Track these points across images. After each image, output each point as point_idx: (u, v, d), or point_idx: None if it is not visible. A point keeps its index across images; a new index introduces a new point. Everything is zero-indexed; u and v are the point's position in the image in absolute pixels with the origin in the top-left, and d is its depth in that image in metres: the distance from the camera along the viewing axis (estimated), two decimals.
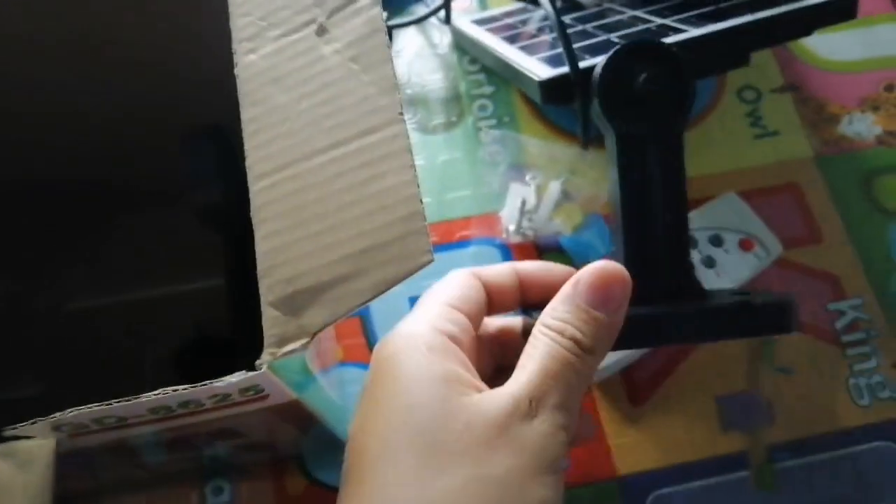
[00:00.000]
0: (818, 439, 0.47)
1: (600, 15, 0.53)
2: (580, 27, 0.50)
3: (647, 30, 0.47)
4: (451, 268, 0.36)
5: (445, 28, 0.60)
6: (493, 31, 0.54)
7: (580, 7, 0.56)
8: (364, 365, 0.49)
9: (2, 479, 0.29)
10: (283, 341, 0.26)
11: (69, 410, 0.26)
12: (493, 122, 0.56)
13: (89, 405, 0.26)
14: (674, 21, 0.47)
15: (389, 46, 0.28)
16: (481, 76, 0.58)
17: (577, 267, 0.31)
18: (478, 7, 0.61)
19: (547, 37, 0.50)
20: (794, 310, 0.33)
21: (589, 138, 0.46)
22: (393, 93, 0.27)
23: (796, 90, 0.59)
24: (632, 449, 0.47)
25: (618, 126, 0.36)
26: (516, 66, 0.45)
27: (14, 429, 0.26)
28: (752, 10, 0.46)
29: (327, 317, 0.26)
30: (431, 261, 0.25)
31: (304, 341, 0.26)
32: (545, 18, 0.55)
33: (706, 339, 0.35)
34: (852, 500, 0.46)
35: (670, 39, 0.44)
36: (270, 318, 0.27)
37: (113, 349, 0.47)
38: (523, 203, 0.50)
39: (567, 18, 0.52)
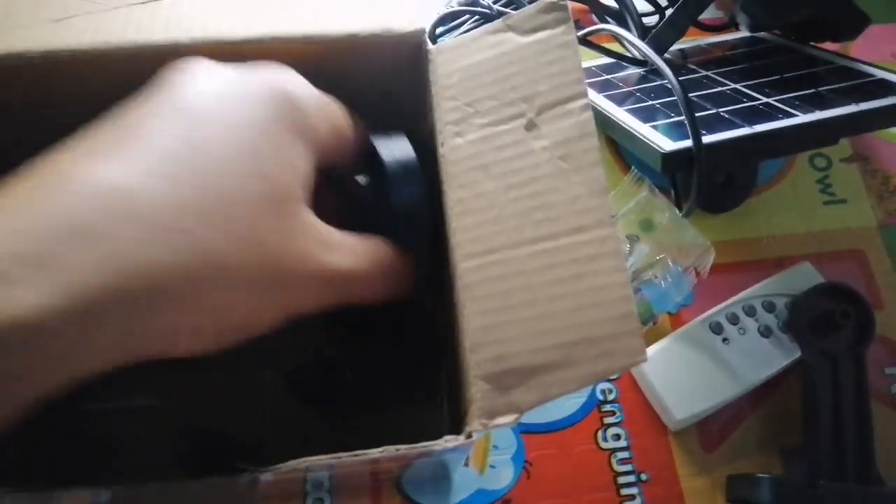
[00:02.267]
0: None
1: (700, 83, 0.56)
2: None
3: (755, 108, 0.50)
4: None
5: None
6: (595, 86, 0.57)
7: (673, 66, 0.59)
8: None
9: None
10: (492, 414, 0.29)
11: (313, 458, 0.29)
12: None
13: (321, 455, 0.29)
14: (777, 101, 0.51)
15: (599, 151, 0.31)
16: None
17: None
18: None
19: (655, 102, 0.53)
20: None
21: (692, 207, 0.49)
22: (603, 195, 0.30)
23: (865, 161, 0.62)
24: (702, 492, 0.51)
25: (812, 344, 0.51)
26: (636, 132, 0.48)
27: (277, 469, 0.29)
28: (855, 100, 0.49)
29: (537, 398, 0.29)
30: (644, 360, 0.28)
31: (513, 417, 0.29)
32: (643, 79, 0.58)
33: None
34: None
35: (781, 123, 0.47)
36: (480, 391, 0.30)
37: (231, 364, 0.50)
38: None
39: (667, 83, 0.55)
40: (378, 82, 0.39)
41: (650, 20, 0.63)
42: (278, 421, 0.49)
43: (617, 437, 0.52)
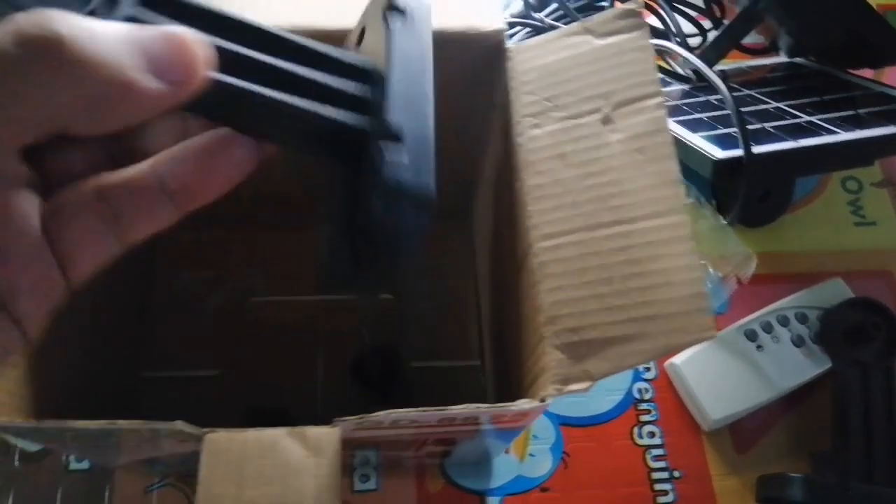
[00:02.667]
0: None
1: (743, 101, 0.58)
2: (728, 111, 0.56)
3: (798, 125, 0.53)
4: None
5: None
6: None
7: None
8: None
9: (295, 460, 0.34)
10: (566, 381, 0.32)
11: (398, 410, 0.31)
12: None
13: (408, 409, 0.31)
14: (819, 120, 0.53)
15: (673, 145, 0.33)
16: None
17: None
18: None
19: (701, 115, 0.56)
20: None
21: (737, 213, 0.51)
22: (676, 186, 0.33)
23: (894, 186, 0.65)
24: (733, 492, 0.53)
25: (844, 354, 0.53)
26: (687, 141, 0.51)
27: (361, 419, 0.31)
28: (892, 122, 0.52)
29: (611, 368, 0.31)
30: (714, 336, 0.30)
31: (587, 384, 0.31)
32: (687, 95, 0.61)
33: None
34: None
35: (826, 139, 0.50)
36: (555, 360, 0.32)
37: (288, 344, 0.52)
38: None
39: (713, 99, 0.58)
40: (455, 76, 0.41)
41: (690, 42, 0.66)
42: (331, 402, 0.52)
43: (652, 434, 0.54)
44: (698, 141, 0.51)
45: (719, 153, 0.49)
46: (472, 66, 0.41)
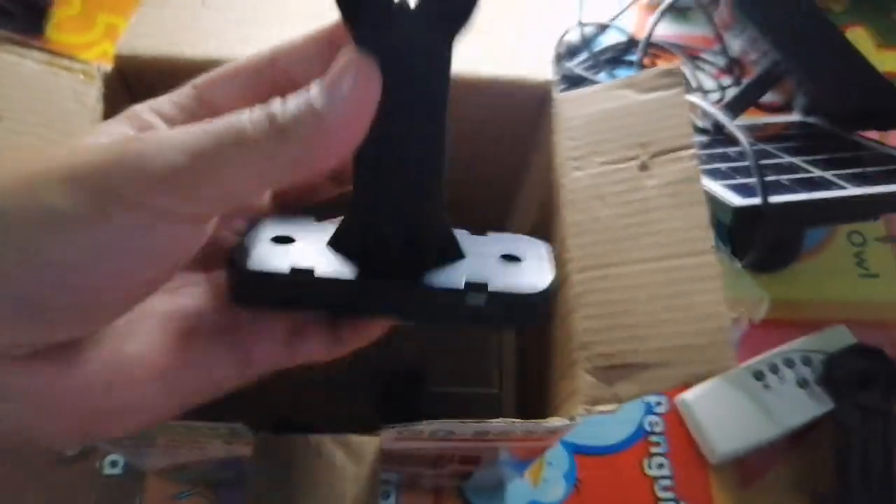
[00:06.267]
0: None
1: (759, 154, 0.62)
2: (745, 163, 0.60)
3: (811, 179, 0.56)
4: None
5: None
6: None
7: (734, 142, 0.65)
8: None
9: (338, 464, 0.36)
10: (595, 402, 0.35)
11: (442, 421, 0.34)
12: None
13: (446, 420, 0.34)
14: (830, 175, 0.57)
15: (703, 193, 0.37)
16: None
17: None
18: None
19: (719, 165, 0.59)
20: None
21: (753, 258, 0.55)
22: (706, 230, 0.36)
23: None
24: None
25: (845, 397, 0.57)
26: (707, 188, 0.54)
27: (404, 427, 0.34)
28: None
29: (638, 391, 0.34)
30: (735, 366, 0.33)
31: (614, 406, 0.34)
32: (703, 147, 0.64)
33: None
34: None
35: (835, 193, 0.53)
36: (587, 383, 0.35)
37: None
38: None
39: (730, 151, 0.62)
40: (500, 121, 0.45)
41: (710, 98, 0.70)
42: (354, 422, 0.54)
43: (661, 465, 0.57)
44: (718, 189, 0.54)
45: (738, 200, 0.52)
46: (518, 111, 0.44)
